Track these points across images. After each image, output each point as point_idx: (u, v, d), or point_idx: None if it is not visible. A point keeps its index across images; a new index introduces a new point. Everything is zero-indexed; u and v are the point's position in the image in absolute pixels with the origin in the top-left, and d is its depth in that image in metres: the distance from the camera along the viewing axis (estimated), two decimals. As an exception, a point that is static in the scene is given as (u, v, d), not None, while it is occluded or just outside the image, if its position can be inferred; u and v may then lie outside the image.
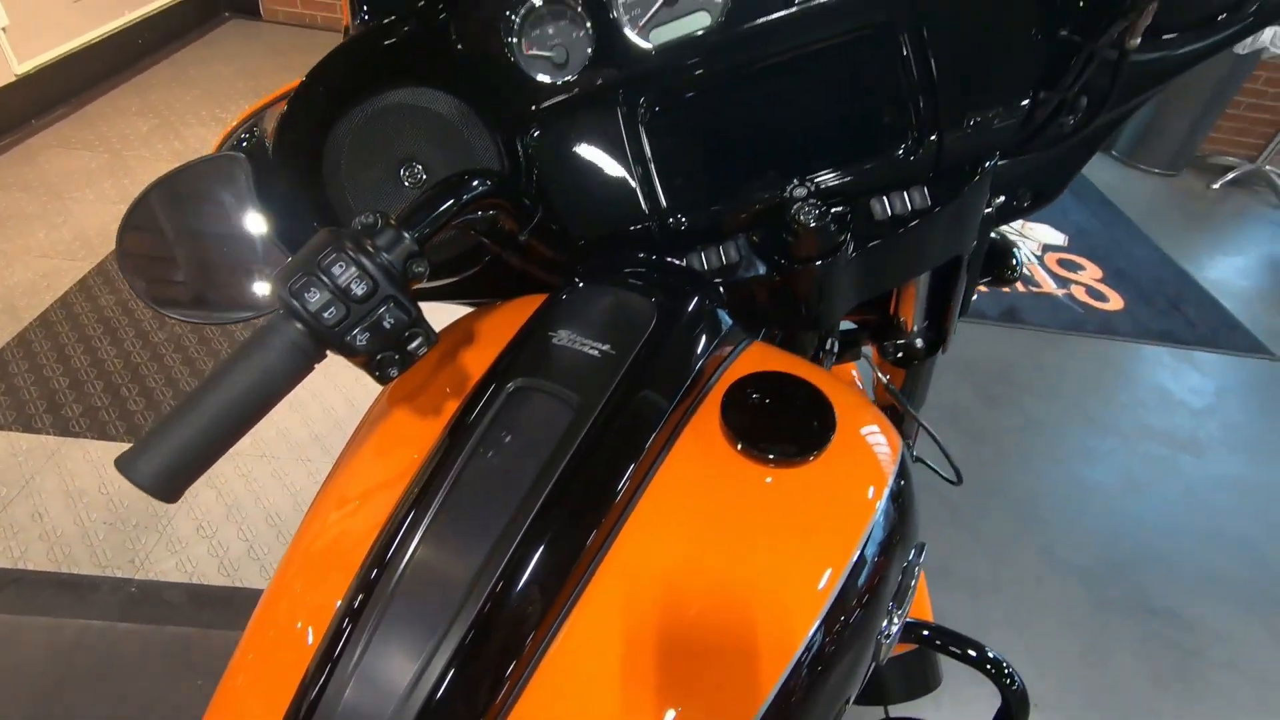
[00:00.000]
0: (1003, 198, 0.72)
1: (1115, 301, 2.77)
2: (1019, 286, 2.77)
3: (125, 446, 1.74)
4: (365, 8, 0.54)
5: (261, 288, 0.58)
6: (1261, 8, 0.54)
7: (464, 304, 0.75)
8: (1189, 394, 2.39)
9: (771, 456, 0.46)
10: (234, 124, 0.60)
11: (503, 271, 0.69)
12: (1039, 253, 3.01)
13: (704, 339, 0.52)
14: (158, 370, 1.92)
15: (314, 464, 1.71)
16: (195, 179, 0.58)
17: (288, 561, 0.50)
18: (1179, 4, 0.55)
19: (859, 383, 1.09)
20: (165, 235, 0.57)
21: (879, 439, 0.52)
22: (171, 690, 1.31)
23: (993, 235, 0.84)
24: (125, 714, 1.28)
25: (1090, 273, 2.92)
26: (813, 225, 0.56)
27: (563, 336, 0.50)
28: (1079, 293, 2.79)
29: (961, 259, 0.71)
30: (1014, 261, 0.82)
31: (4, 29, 2.68)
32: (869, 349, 0.94)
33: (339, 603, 0.42)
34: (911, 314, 0.84)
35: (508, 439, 0.47)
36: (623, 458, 0.45)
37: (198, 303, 0.58)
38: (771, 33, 0.57)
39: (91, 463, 1.68)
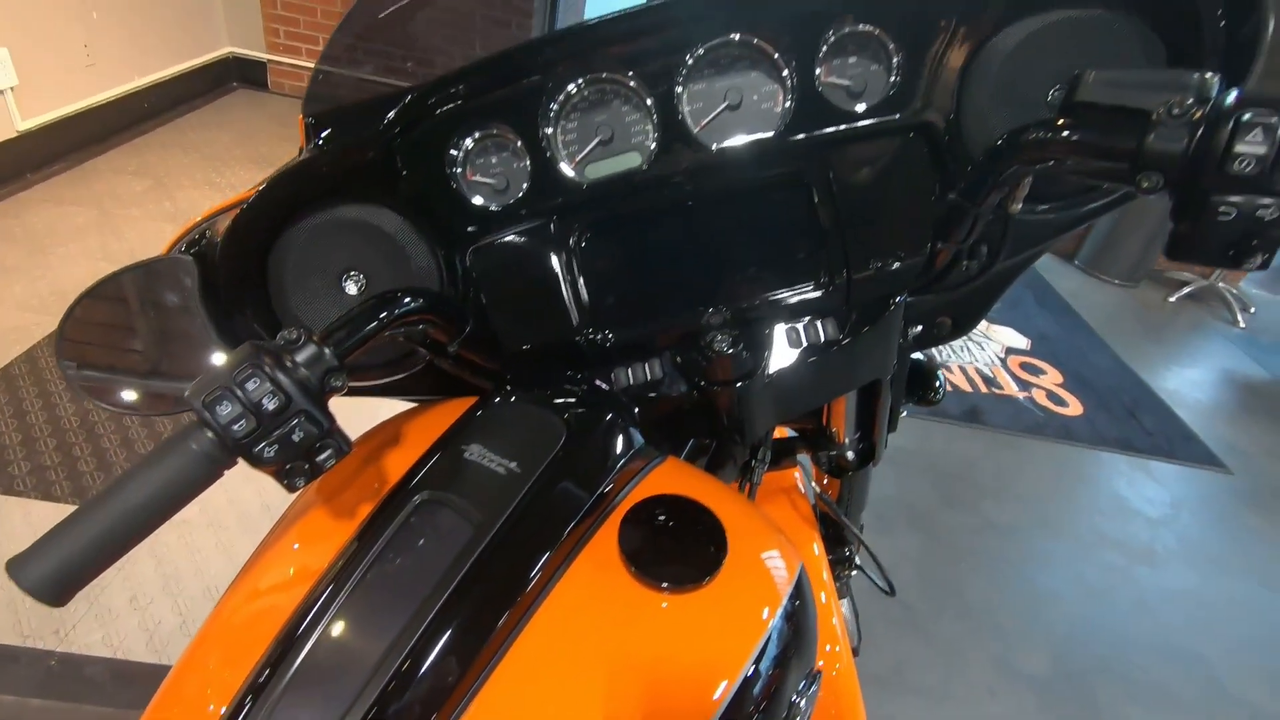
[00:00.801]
0: (920, 327, 0.77)
1: (1075, 407, 2.84)
2: (982, 387, 2.84)
3: (69, 508, 1.71)
4: (320, 136, 0.59)
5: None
6: (1124, 193, 0.61)
7: (405, 400, 0.77)
8: (1145, 503, 2.42)
9: (664, 584, 0.48)
10: (186, 227, 0.63)
11: (439, 372, 0.72)
12: (1002, 355, 3.10)
13: (610, 458, 0.54)
14: (114, 431, 1.91)
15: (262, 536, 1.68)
16: (143, 278, 0.61)
17: (198, 642, 0.51)
18: (1051, 179, 0.61)
19: (801, 487, 1.11)
20: (108, 329, 0.60)
21: (776, 561, 0.54)
22: (77, 777, 1.25)
23: (918, 357, 0.89)
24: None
25: (1051, 377, 3.00)
26: (726, 352, 0.59)
27: (474, 451, 0.52)
28: (1040, 396, 2.86)
29: (880, 382, 0.75)
30: (936, 384, 0.87)
31: (12, 89, 2.78)
32: (806, 459, 0.96)
33: (244, 680, 0.43)
34: (843, 426, 0.87)
35: (411, 549, 0.48)
36: (514, 579, 0.46)
37: (129, 396, 0.59)
38: (694, 174, 0.62)
39: (31, 524, 1.64)
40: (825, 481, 1.03)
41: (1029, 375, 2.99)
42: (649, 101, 0.60)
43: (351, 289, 0.64)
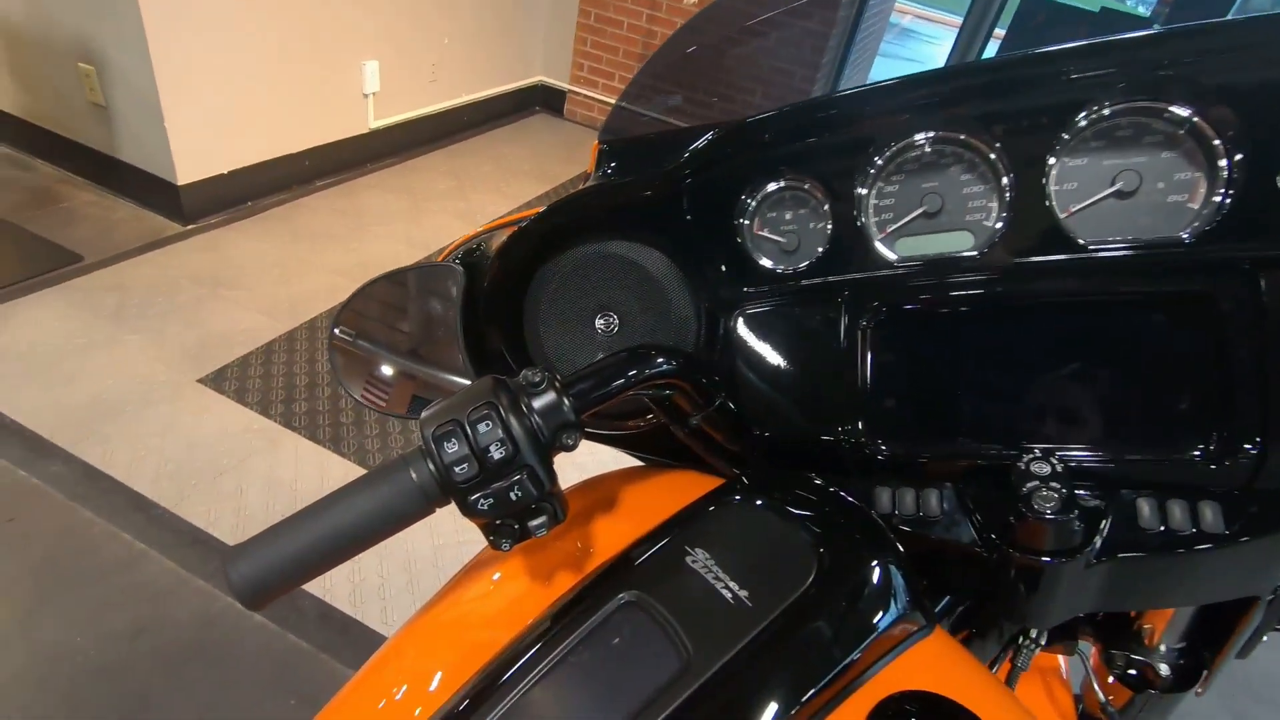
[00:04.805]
0: None
1: None
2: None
3: (325, 452, 1.90)
4: (611, 164, 0.55)
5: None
6: None
7: (625, 453, 0.71)
8: None
9: None
10: (465, 237, 0.63)
11: (668, 435, 0.64)
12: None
13: (866, 619, 0.42)
14: (374, 393, 2.15)
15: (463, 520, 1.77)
16: (417, 280, 0.62)
17: (356, 684, 0.47)
18: None
19: (1064, 670, 0.87)
20: (376, 326, 0.61)
21: None
22: (266, 700, 1.37)
23: None
24: (215, 710, 1.35)
25: None
26: (1048, 516, 0.44)
27: (699, 559, 0.43)
28: None
29: (1257, 600, 0.53)
30: None
31: (374, 94, 3.36)
32: (1089, 645, 0.74)
33: None
34: (1162, 627, 0.65)
35: (608, 657, 0.40)
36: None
37: (383, 394, 0.60)
38: (1043, 271, 0.48)
39: (295, 458, 1.89)
40: (1109, 680, 0.79)
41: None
42: (1007, 173, 0.47)
43: (601, 328, 0.59)
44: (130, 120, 2.60)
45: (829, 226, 0.52)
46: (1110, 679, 0.78)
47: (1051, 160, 0.46)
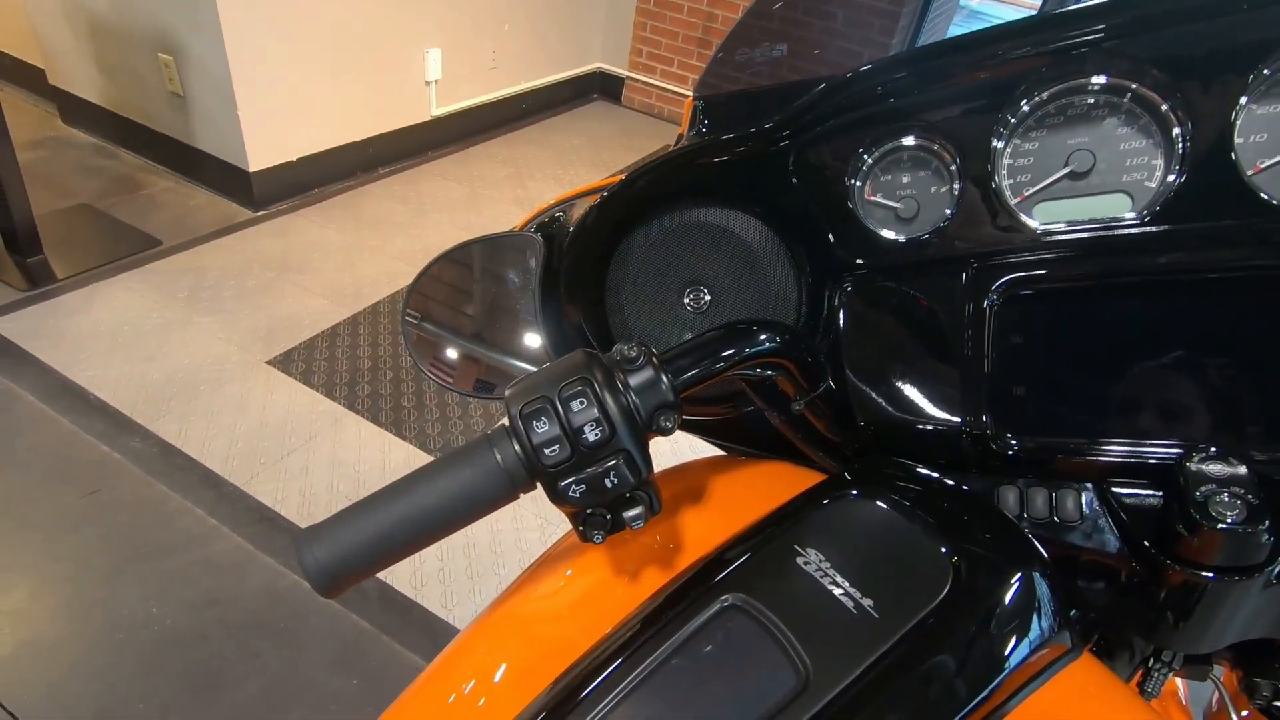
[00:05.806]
0: None
1: None
2: None
3: (386, 435, 1.90)
4: (705, 121, 0.50)
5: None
6: None
7: (708, 441, 0.66)
8: None
9: None
10: (540, 208, 0.59)
11: (759, 423, 0.59)
12: None
13: (1015, 641, 0.36)
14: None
15: (523, 508, 1.76)
16: (491, 252, 0.58)
17: (429, 677, 0.44)
18: None
19: (1182, 695, 0.78)
20: (449, 303, 0.58)
21: None
22: (330, 677, 1.38)
23: None
24: (282, 685, 1.37)
25: None
26: (1225, 524, 0.37)
27: (812, 560, 0.38)
28: None
29: None
30: None
31: (436, 81, 3.38)
32: (1221, 668, 0.66)
33: None
34: (1321, 655, 0.57)
35: (707, 669, 0.36)
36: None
37: (452, 372, 0.57)
38: (1223, 240, 0.41)
39: (358, 440, 1.91)
40: (1244, 713, 0.70)
41: None
42: (1181, 123, 0.40)
43: (689, 304, 0.55)
44: (206, 109, 2.67)
45: (955, 189, 0.46)
46: (1244, 711, 0.70)
47: (1243, 102, 0.39)
